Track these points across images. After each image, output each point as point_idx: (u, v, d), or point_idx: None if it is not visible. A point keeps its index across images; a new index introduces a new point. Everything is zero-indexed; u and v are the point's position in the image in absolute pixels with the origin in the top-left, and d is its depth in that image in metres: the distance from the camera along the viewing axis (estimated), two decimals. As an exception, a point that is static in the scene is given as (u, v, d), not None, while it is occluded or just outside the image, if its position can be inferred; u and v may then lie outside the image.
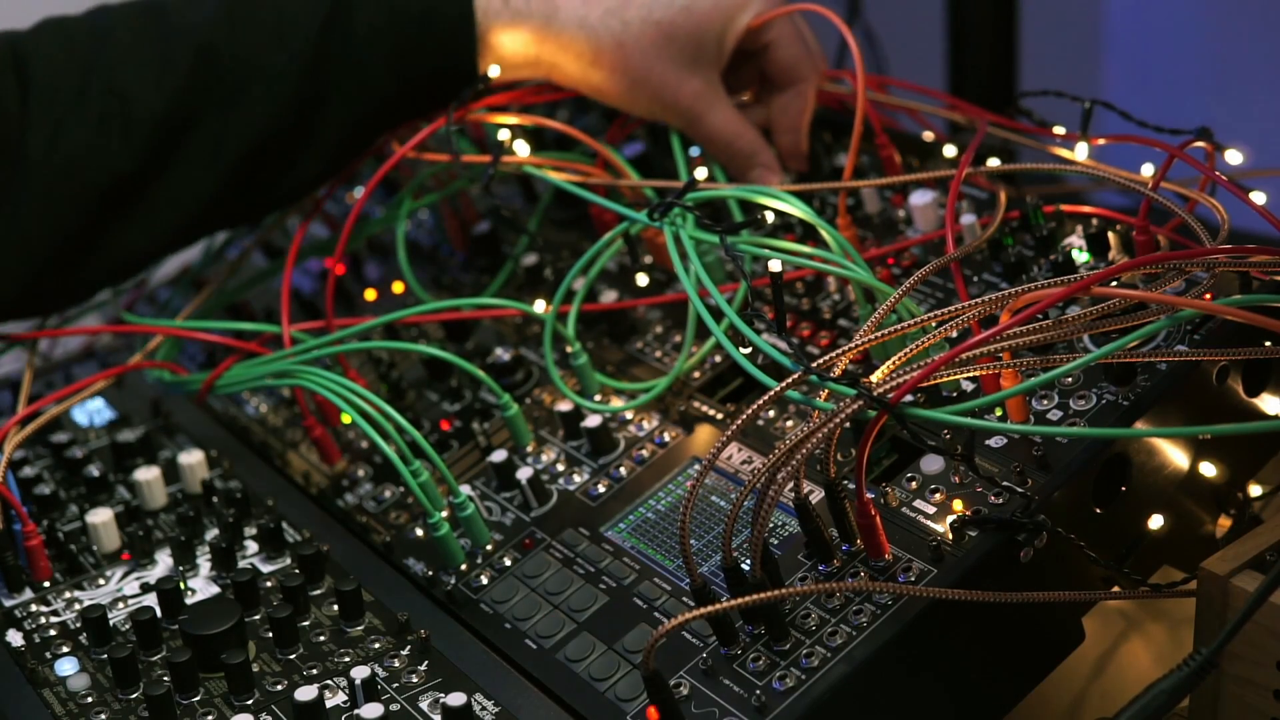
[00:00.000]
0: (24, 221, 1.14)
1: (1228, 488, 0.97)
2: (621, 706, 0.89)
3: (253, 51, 1.16)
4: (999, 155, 1.13)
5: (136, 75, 1.15)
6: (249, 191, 1.20)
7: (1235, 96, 1.89)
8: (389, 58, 1.17)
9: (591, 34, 1.15)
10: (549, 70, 1.19)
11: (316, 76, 1.17)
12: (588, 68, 1.17)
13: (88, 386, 1.18)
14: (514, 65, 1.19)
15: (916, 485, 0.94)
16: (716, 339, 0.96)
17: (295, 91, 1.16)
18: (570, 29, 1.16)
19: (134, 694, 0.95)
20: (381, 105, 1.19)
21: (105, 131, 1.14)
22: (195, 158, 1.17)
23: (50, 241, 1.15)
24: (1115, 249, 1.03)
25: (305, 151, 1.19)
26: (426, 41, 1.17)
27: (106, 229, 1.16)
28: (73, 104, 1.14)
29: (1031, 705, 0.93)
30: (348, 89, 1.17)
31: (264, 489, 1.14)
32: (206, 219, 1.21)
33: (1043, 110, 1.19)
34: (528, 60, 1.18)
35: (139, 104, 1.15)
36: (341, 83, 1.17)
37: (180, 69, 1.15)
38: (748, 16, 1.17)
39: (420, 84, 1.19)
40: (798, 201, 1.05)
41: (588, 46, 1.16)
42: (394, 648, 0.97)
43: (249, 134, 1.17)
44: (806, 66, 1.19)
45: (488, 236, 1.30)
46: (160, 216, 1.17)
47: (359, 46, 1.17)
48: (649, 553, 0.98)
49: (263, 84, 1.16)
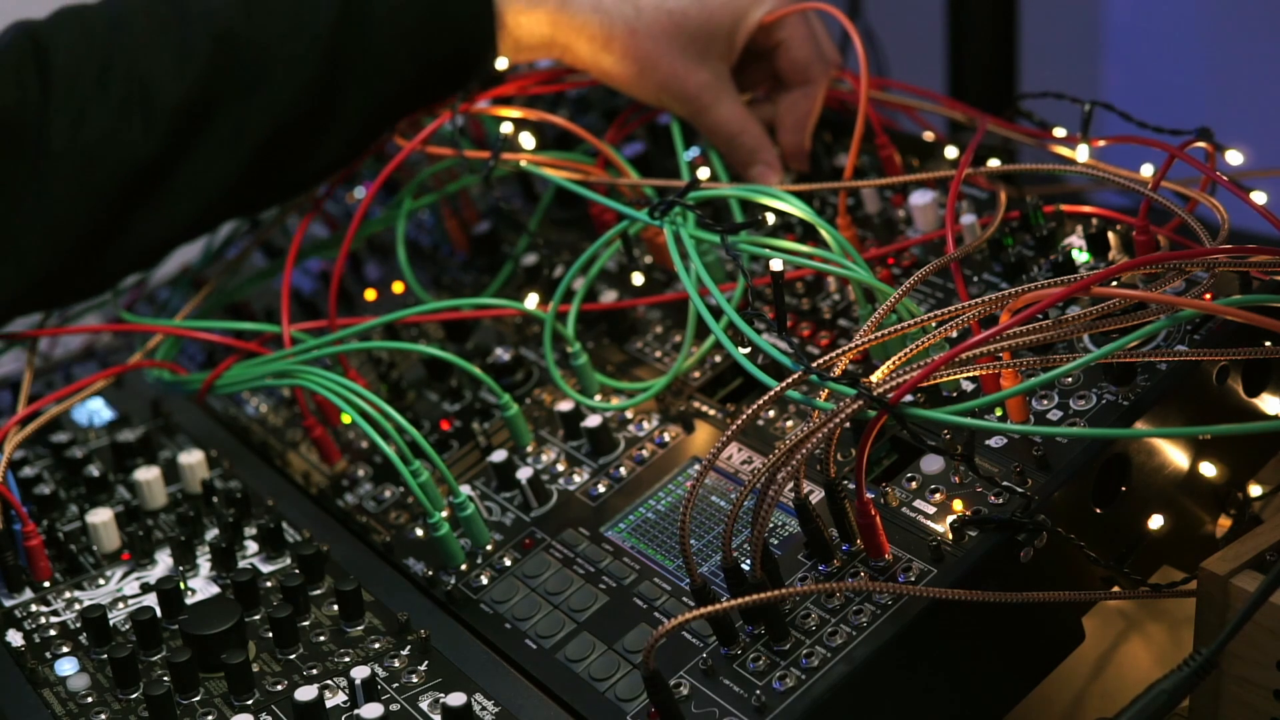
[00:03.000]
0: (48, 211, 1.14)
1: (1228, 488, 0.97)
2: (621, 706, 0.89)
3: (271, 37, 1.17)
4: (999, 155, 1.13)
5: (157, 63, 1.15)
6: (270, 176, 1.21)
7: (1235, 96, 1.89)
8: (408, 42, 1.18)
9: (605, 18, 1.16)
10: (562, 52, 1.20)
11: (335, 61, 1.17)
12: (599, 51, 1.17)
13: (88, 386, 1.18)
14: (529, 47, 1.20)
15: (916, 485, 0.94)
16: (716, 338, 0.96)
17: (314, 76, 1.17)
18: (585, 12, 1.17)
19: (134, 694, 0.95)
20: (401, 88, 1.20)
21: (126, 119, 1.15)
22: (216, 144, 1.17)
23: (74, 230, 1.16)
24: (1115, 249, 1.03)
25: (326, 135, 1.20)
26: (446, 25, 1.18)
27: (129, 216, 1.17)
28: (94, 93, 1.14)
29: (1031, 705, 0.93)
30: (367, 73, 1.18)
31: (264, 489, 1.14)
32: (228, 204, 1.21)
33: (1043, 111, 1.19)
34: (543, 42, 1.19)
35: (160, 91, 1.15)
36: (360, 67, 1.18)
37: (200, 56, 1.16)
38: (760, 12, 1.17)
39: (440, 67, 1.20)
40: (798, 201, 1.05)
41: (600, 30, 1.17)
42: (394, 648, 0.97)
43: (269, 119, 1.17)
44: (817, 68, 1.19)
45: (488, 236, 1.30)
46: (182, 202, 1.18)
47: (378, 30, 1.17)
48: (649, 553, 0.98)
49: (282, 69, 1.17)
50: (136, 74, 1.15)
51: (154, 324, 1.24)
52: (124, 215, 1.17)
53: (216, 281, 1.35)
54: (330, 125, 1.19)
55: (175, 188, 1.17)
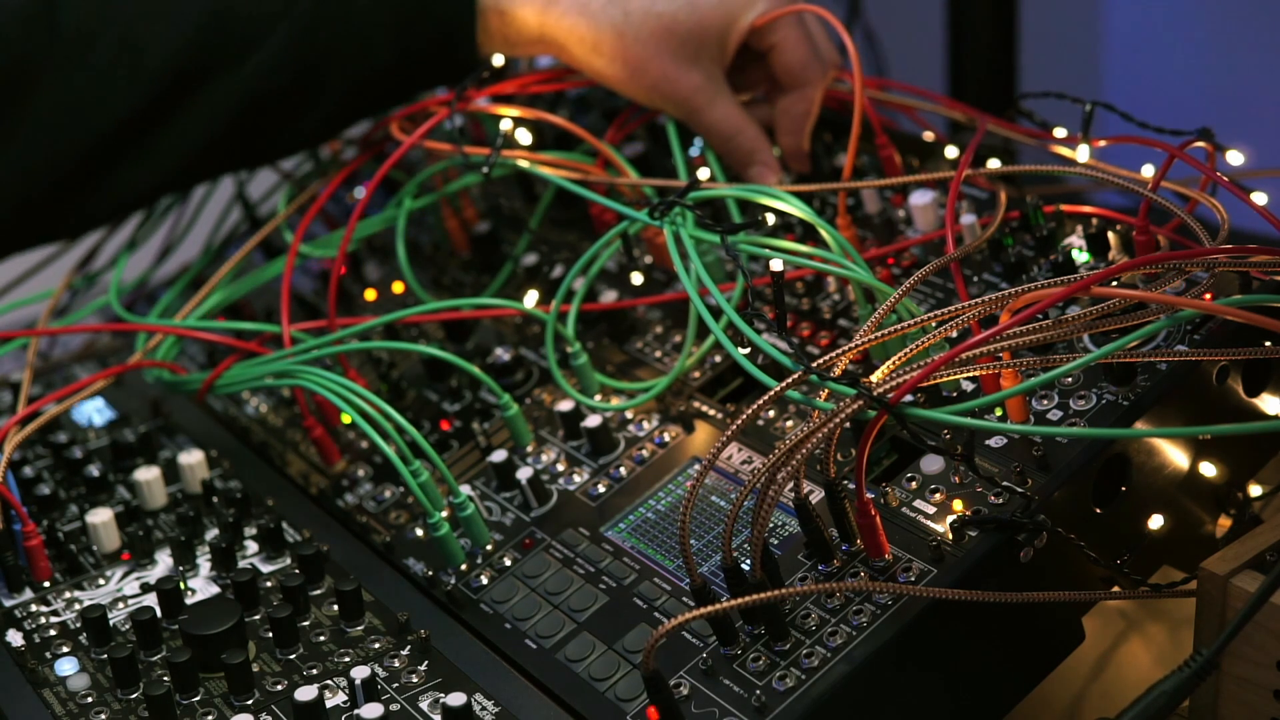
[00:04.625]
0: (24, 156, 1.19)
1: (1228, 488, 0.97)
2: (621, 706, 0.89)
3: (258, 13, 1.19)
4: (999, 155, 1.13)
5: (148, 30, 1.19)
6: (247, 142, 1.25)
7: (1235, 96, 1.89)
8: (388, 27, 1.20)
9: (592, 20, 1.16)
10: (557, 51, 1.20)
11: (314, 41, 1.20)
12: (589, 53, 1.17)
13: (88, 386, 1.18)
14: (521, 43, 1.21)
15: (916, 485, 0.94)
16: (716, 338, 0.96)
17: (295, 54, 1.20)
18: (571, 14, 1.17)
19: (134, 694, 0.95)
20: (383, 73, 1.23)
21: (112, 79, 1.18)
22: (197, 110, 1.21)
23: (48, 176, 1.20)
24: (1115, 249, 1.03)
25: (305, 111, 1.23)
26: (425, 12, 1.20)
27: (106, 169, 1.21)
28: (87, 54, 1.18)
29: (1031, 705, 0.93)
30: (346, 54, 1.21)
31: (264, 489, 1.14)
32: (204, 165, 1.26)
33: (1043, 111, 1.19)
34: (533, 39, 1.20)
35: (149, 57, 1.19)
36: (340, 48, 1.21)
37: (190, 26, 1.19)
38: (752, 15, 1.17)
39: (420, 55, 1.22)
40: (798, 201, 1.05)
41: (588, 33, 1.17)
42: (394, 648, 0.97)
43: (248, 91, 1.21)
44: (813, 70, 1.19)
45: (488, 236, 1.30)
46: (160, 160, 1.22)
47: (358, 13, 1.20)
48: (649, 553, 0.98)
49: (267, 43, 1.19)
50: (130, 40, 1.19)
51: (154, 324, 1.24)
52: (101, 168, 1.21)
53: (216, 281, 1.34)
54: (310, 102, 1.22)
55: (153, 146, 1.21)
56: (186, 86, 1.20)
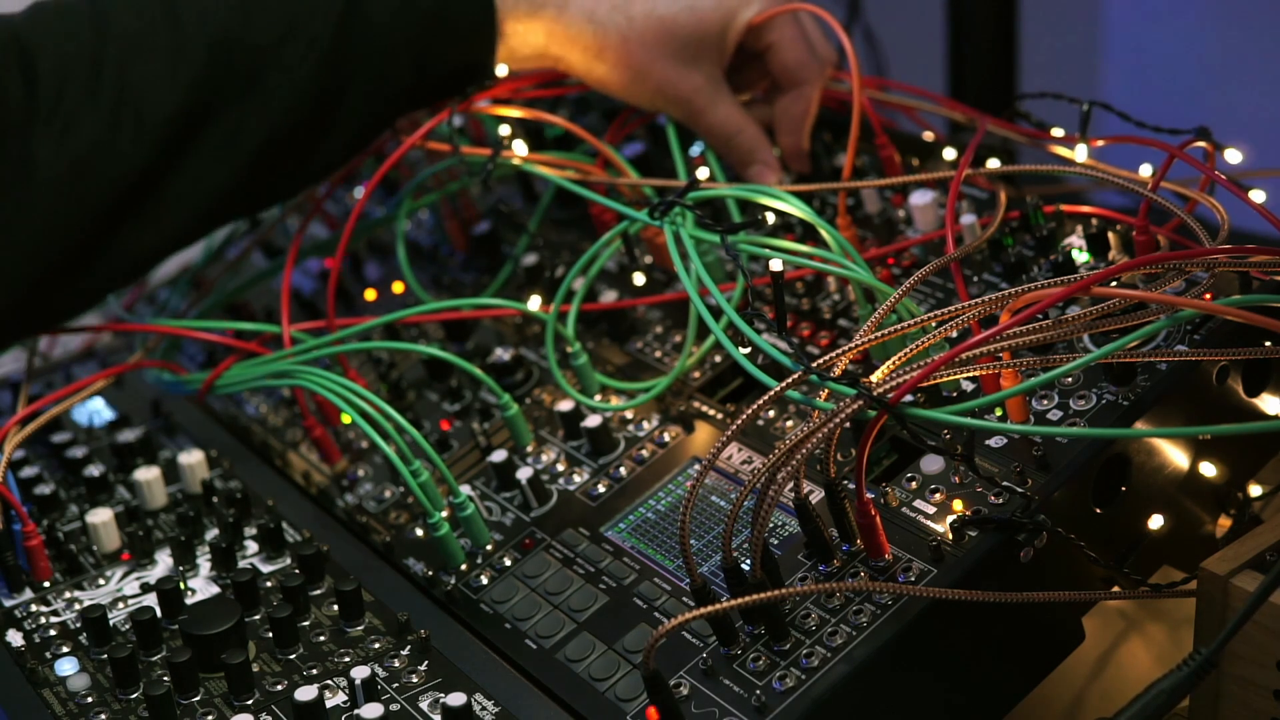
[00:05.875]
0: (30, 227, 1.09)
1: (1228, 488, 0.97)
2: (621, 706, 0.89)
3: (269, 41, 1.12)
4: (999, 155, 1.13)
5: (148, 69, 1.10)
6: (265, 182, 1.17)
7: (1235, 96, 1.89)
8: (409, 49, 1.16)
9: (599, 28, 1.16)
10: (555, 61, 1.20)
11: (336, 68, 1.14)
12: (592, 60, 1.18)
13: (88, 386, 1.18)
14: (523, 57, 1.20)
15: (916, 485, 0.94)
16: (716, 338, 0.96)
17: (313, 83, 1.13)
18: (579, 23, 1.17)
19: (134, 694, 0.95)
20: (401, 94, 1.18)
21: (116, 131, 1.09)
22: (209, 153, 1.12)
23: (60, 245, 1.10)
24: (1115, 249, 1.03)
25: (323, 141, 1.16)
26: (447, 32, 1.17)
27: (116, 231, 1.12)
28: (83, 101, 1.09)
29: (1031, 705, 0.93)
30: (367, 79, 1.15)
31: (264, 489, 1.14)
32: (219, 212, 1.17)
33: (1042, 111, 1.19)
34: (537, 52, 1.19)
35: (152, 100, 1.10)
36: (361, 74, 1.15)
37: (195, 62, 1.11)
38: (749, 14, 1.17)
39: (440, 73, 1.19)
40: (798, 201, 1.05)
41: (594, 40, 1.17)
42: (394, 648, 0.97)
43: (265, 127, 1.13)
44: (810, 69, 1.19)
45: (488, 236, 1.30)
46: (171, 214, 1.13)
47: (379, 35, 1.15)
48: (649, 553, 0.98)
49: (280, 75, 1.13)
50: (127, 80, 1.10)
51: (154, 324, 1.24)
52: (110, 230, 1.11)
53: (216, 281, 1.35)
54: (328, 130, 1.16)
55: (164, 198, 1.12)
56: (195, 127, 1.11)
